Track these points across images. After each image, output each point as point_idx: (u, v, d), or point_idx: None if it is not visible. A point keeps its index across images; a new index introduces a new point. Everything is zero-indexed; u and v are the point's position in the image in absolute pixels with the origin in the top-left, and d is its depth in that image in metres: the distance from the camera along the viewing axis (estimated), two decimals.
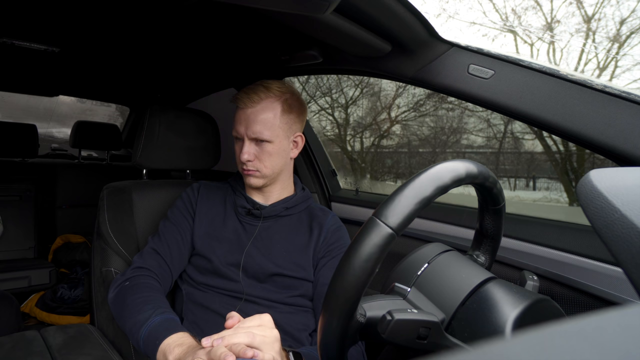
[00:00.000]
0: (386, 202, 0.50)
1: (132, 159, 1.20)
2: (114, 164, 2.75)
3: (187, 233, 1.03)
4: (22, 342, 0.89)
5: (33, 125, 2.38)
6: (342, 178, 1.60)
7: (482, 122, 3.13)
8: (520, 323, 0.51)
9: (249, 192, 1.07)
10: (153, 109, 1.20)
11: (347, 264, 0.48)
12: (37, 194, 2.39)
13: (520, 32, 3.75)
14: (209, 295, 0.99)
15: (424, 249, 0.62)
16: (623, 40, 3.26)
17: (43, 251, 2.35)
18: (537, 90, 0.78)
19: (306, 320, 1.00)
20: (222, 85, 1.77)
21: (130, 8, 1.10)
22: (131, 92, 2.48)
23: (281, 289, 0.99)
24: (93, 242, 1.16)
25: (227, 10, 1.03)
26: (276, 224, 1.05)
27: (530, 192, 3.13)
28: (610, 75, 3.30)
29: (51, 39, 1.41)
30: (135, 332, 0.80)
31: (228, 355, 0.62)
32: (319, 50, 1.12)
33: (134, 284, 0.90)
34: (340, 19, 0.79)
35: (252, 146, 1.00)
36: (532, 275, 0.63)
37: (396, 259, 0.70)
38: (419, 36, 0.86)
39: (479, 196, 0.62)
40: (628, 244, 0.32)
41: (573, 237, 0.86)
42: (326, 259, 1.02)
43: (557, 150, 2.89)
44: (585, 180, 0.38)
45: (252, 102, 0.98)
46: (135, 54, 1.57)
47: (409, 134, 3.40)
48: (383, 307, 0.54)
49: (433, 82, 0.92)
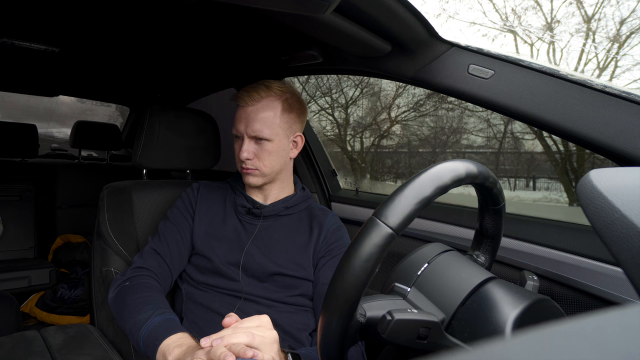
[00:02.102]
0: (386, 202, 0.50)
1: (132, 159, 1.20)
2: (114, 164, 2.75)
3: (186, 233, 1.03)
4: (22, 342, 0.89)
5: (33, 125, 2.38)
6: (342, 178, 1.60)
7: (482, 122, 3.13)
8: (520, 323, 0.51)
9: (248, 191, 1.07)
10: (153, 109, 1.20)
11: (347, 264, 0.48)
12: (37, 194, 2.39)
13: (520, 32, 3.75)
14: (208, 295, 0.99)
15: (424, 249, 0.62)
16: (623, 40, 3.26)
17: (43, 251, 2.34)
18: (537, 90, 0.78)
19: (306, 319, 1.00)
20: (222, 85, 1.77)
21: (130, 8, 1.10)
22: (131, 92, 2.48)
23: (281, 288, 0.99)
24: (93, 242, 1.16)
25: (227, 10, 1.03)
26: (276, 224, 1.05)
27: (530, 192, 3.13)
28: (610, 75, 3.30)
29: (51, 39, 1.41)
30: (135, 333, 0.80)
31: (228, 355, 0.62)
32: (319, 50, 1.12)
33: (134, 284, 0.90)
34: (340, 19, 0.79)
35: (252, 144, 1.00)
36: (532, 275, 0.63)
37: (396, 259, 0.70)
38: (419, 36, 0.86)
39: (479, 196, 0.62)
40: (628, 244, 0.32)
41: (573, 237, 0.86)
42: (326, 258, 1.02)
43: (557, 150, 2.89)
44: (585, 180, 0.38)
45: (253, 101, 0.99)
46: (135, 54, 1.57)
47: (409, 134, 3.40)
48: (383, 307, 0.54)
49: (433, 82, 0.92)
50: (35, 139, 2.38)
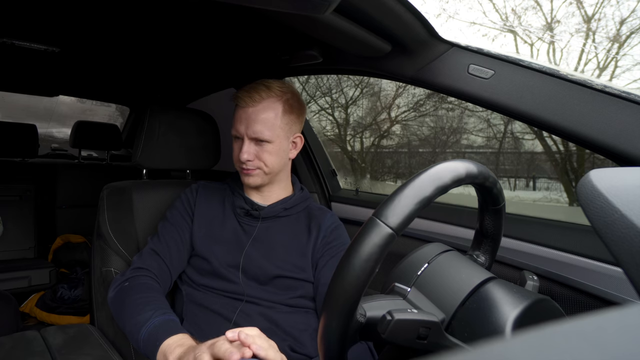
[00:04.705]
0: (386, 202, 0.49)
1: (132, 159, 1.20)
2: (114, 164, 2.75)
3: (186, 234, 1.03)
4: (22, 342, 0.89)
5: (33, 125, 2.37)
6: (342, 178, 1.60)
7: (482, 122, 3.13)
8: (520, 323, 0.51)
9: (247, 192, 1.07)
10: (153, 109, 1.20)
11: (347, 264, 0.48)
12: (37, 194, 2.39)
13: (520, 32, 3.75)
14: (209, 297, 0.99)
15: (424, 249, 0.62)
16: (623, 40, 3.26)
17: (43, 251, 2.34)
18: (537, 90, 0.78)
19: (307, 320, 1.00)
20: (222, 85, 1.77)
21: (130, 8, 1.10)
22: (131, 92, 2.48)
23: (282, 290, 0.99)
24: (93, 242, 1.16)
25: (227, 10, 1.03)
26: (275, 225, 1.04)
27: (530, 192, 3.13)
28: (610, 75, 3.30)
29: (51, 39, 1.41)
30: (136, 333, 0.80)
31: (233, 353, 0.61)
32: (319, 50, 1.12)
33: (133, 284, 0.90)
34: (340, 19, 0.79)
35: (252, 146, 1.00)
36: (532, 275, 0.63)
37: (396, 259, 0.70)
38: (419, 36, 0.86)
39: (479, 196, 0.62)
40: (628, 244, 0.32)
41: (573, 237, 0.86)
42: (325, 258, 1.02)
43: (557, 150, 2.89)
44: (585, 180, 0.38)
45: (253, 102, 0.98)
46: (135, 54, 1.57)
47: (409, 134, 3.40)
48: (383, 307, 0.54)
49: (433, 82, 0.92)
50: (35, 139, 2.38)
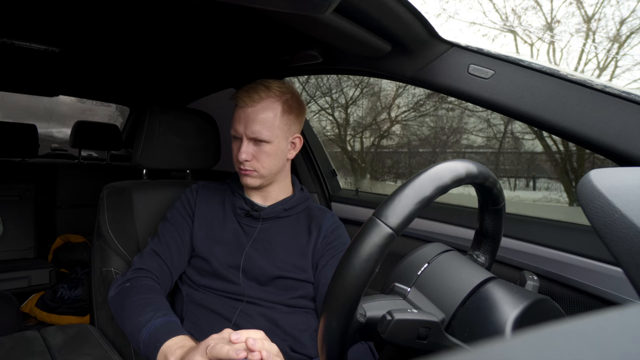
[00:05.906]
0: (386, 202, 0.49)
1: (132, 159, 1.20)
2: (114, 164, 2.75)
3: (186, 234, 1.03)
4: (22, 342, 0.89)
5: (33, 125, 2.37)
6: (342, 178, 1.60)
7: (482, 122, 3.13)
8: (520, 323, 0.51)
9: (247, 193, 1.07)
10: (153, 109, 1.20)
11: (347, 264, 0.48)
12: (37, 194, 2.39)
13: (520, 32, 3.75)
14: (209, 297, 0.99)
15: (424, 249, 0.62)
16: (623, 40, 3.26)
17: (43, 251, 2.34)
18: (537, 90, 0.78)
19: (307, 320, 1.00)
20: (222, 85, 1.77)
21: (130, 8, 1.10)
22: (131, 92, 2.48)
23: (282, 290, 0.99)
24: (93, 242, 1.16)
25: (227, 10, 1.03)
26: (275, 226, 1.04)
27: (530, 192, 3.13)
28: (610, 75, 3.30)
29: (51, 39, 1.41)
30: (136, 334, 0.80)
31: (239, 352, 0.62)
32: (319, 50, 1.12)
33: (134, 285, 0.90)
34: (340, 19, 0.79)
35: (251, 146, 0.99)
36: (532, 275, 0.63)
37: (396, 259, 0.70)
38: (419, 36, 0.86)
39: (479, 196, 0.62)
40: (628, 244, 0.32)
41: (573, 237, 0.86)
42: (326, 258, 1.02)
43: (557, 150, 2.89)
44: (585, 180, 0.38)
45: (253, 101, 0.98)
46: (135, 54, 1.56)
47: (409, 134, 3.40)
48: (383, 307, 0.54)
49: (433, 82, 0.92)
50: (35, 139, 2.38)
